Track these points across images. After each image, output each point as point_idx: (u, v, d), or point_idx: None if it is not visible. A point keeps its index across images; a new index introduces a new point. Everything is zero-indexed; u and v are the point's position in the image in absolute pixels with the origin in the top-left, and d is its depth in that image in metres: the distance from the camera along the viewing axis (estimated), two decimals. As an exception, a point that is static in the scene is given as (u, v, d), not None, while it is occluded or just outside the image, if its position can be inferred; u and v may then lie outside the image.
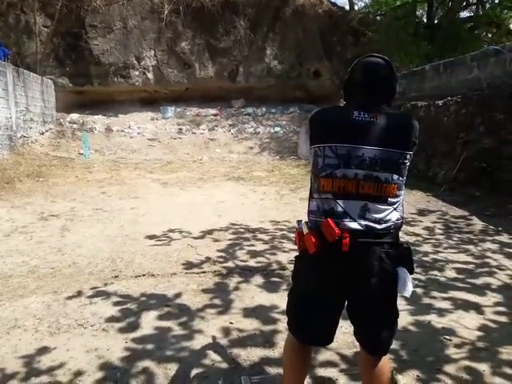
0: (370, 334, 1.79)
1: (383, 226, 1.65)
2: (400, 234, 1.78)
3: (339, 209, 1.65)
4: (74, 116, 14.05)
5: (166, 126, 14.40)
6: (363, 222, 1.63)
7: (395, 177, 1.66)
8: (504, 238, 5.03)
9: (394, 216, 1.68)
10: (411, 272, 1.71)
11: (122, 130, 13.77)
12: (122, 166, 10.77)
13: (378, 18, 16.74)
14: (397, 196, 1.68)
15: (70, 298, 3.31)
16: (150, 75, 14.77)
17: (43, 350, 2.56)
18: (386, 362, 1.83)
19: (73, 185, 8.46)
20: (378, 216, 1.64)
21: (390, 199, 1.66)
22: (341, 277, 1.67)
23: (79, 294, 3.39)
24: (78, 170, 10.06)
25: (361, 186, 1.63)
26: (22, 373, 2.34)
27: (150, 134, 13.78)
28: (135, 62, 14.48)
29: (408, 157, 1.69)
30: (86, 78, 14.07)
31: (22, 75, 10.85)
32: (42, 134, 12.22)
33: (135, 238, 4.99)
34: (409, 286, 1.67)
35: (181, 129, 14.21)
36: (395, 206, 1.69)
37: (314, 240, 1.64)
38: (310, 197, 1.81)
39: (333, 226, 1.60)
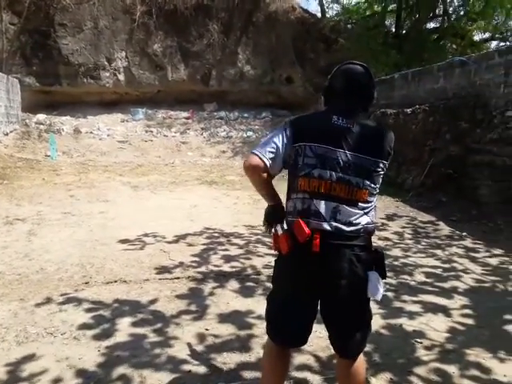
0: (340, 337, 1.82)
1: (352, 228, 1.69)
2: (372, 239, 1.82)
3: (314, 208, 1.69)
4: (41, 116, 13.63)
5: (137, 128, 14.19)
6: (333, 224, 1.67)
7: (367, 182, 1.71)
8: (468, 242, 5.21)
9: (363, 220, 1.72)
10: (383, 277, 1.75)
11: (91, 132, 13.46)
12: (90, 169, 10.53)
13: (349, 26, 17.10)
14: (367, 201, 1.73)
15: (38, 305, 3.20)
16: (121, 77, 14.52)
17: (11, 361, 2.46)
18: (362, 363, 1.87)
19: (39, 188, 8.19)
20: (347, 219, 1.69)
21: (360, 203, 1.71)
22: (312, 277, 1.70)
23: (48, 301, 3.28)
24: (45, 172, 9.76)
25: (333, 188, 1.68)
26: (-12, 384, 2.25)
27: (120, 137, 13.53)
28: (106, 62, 14.21)
29: (381, 165, 1.74)
30: (55, 77, 13.68)
31: (-15, 73, 10.46)
32: (7, 134, 11.79)
33: (105, 242, 4.88)
34: (379, 289, 1.71)
35: (152, 131, 14.03)
36: (366, 211, 1.73)
37: (286, 241, 1.69)
38: (288, 198, 1.84)
39: (303, 226, 1.64)
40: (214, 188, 8.83)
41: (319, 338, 2.68)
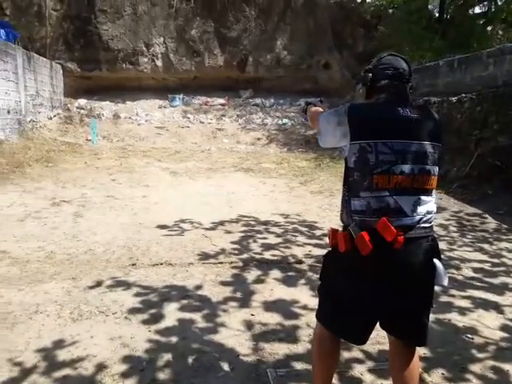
0: (412, 326, 1.77)
1: (429, 217, 1.69)
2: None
3: (395, 205, 1.63)
4: (82, 101, 13.98)
5: (174, 114, 14.34)
6: (415, 217, 1.65)
7: (436, 169, 1.73)
8: (518, 237, 4.99)
9: (434, 208, 1.74)
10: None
11: (130, 117, 13.71)
12: (130, 154, 10.75)
13: (390, 11, 16.55)
14: (434, 188, 1.76)
15: (89, 284, 3.31)
16: (159, 62, 14.66)
17: (67, 337, 2.56)
18: (417, 357, 1.84)
19: (82, 171, 8.45)
20: (426, 209, 1.69)
21: (432, 191, 1.74)
22: (389, 273, 1.65)
23: (98, 281, 3.38)
24: (87, 156, 10.04)
25: (415, 181, 1.67)
26: (49, 358, 2.35)
27: (158, 122, 13.73)
28: (144, 48, 14.37)
29: (441, 150, 1.76)
30: (95, 63, 13.97)
31: (31, 59, 10.78)
32: (50, 118, 12.18)
33: (149, 226, 4.99)
34: (446, 276, 1.72)
35: (189, 118, 14.15)
36: (434, 198, 1.75)
37: (368, 240, 1.59)
38: (353, 196, 1.71)
39: (389, 225, 1.58)
40: (251, 175, 8.84)
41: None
